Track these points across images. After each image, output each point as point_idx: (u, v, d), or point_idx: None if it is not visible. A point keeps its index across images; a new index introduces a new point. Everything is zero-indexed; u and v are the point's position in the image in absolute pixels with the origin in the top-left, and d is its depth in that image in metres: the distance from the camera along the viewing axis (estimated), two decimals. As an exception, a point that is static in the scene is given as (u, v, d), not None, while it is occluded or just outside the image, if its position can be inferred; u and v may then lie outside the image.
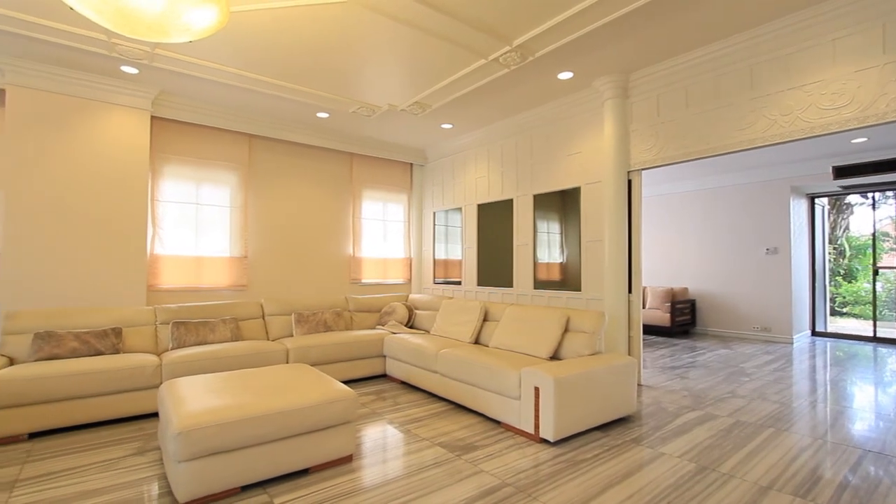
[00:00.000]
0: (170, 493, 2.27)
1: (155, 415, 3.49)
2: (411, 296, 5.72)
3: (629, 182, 4.18)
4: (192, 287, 4.90)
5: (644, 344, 6.65)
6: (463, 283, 6.02)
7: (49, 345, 3.38)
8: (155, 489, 2.31)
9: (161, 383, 3.43)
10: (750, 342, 6.80)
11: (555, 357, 3.65)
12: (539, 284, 4.97)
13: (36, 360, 3.30)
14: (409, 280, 6.76)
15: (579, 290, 4.53)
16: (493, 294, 5.53)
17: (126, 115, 4.33)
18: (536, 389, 2.93)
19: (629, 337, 4.14)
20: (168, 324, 4.04)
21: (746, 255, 7.25)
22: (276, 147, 5.56)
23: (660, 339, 7.15)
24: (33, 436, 3.05)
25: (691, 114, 3.76)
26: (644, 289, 7.93)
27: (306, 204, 5.79)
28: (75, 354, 3.43)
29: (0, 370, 3.03)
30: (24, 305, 3.86)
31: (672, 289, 7.50)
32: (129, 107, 4.34)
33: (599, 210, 4.38)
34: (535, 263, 5.02)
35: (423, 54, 3.65)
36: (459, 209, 6.12)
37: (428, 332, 4.93)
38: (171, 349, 3.85)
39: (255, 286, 5.36)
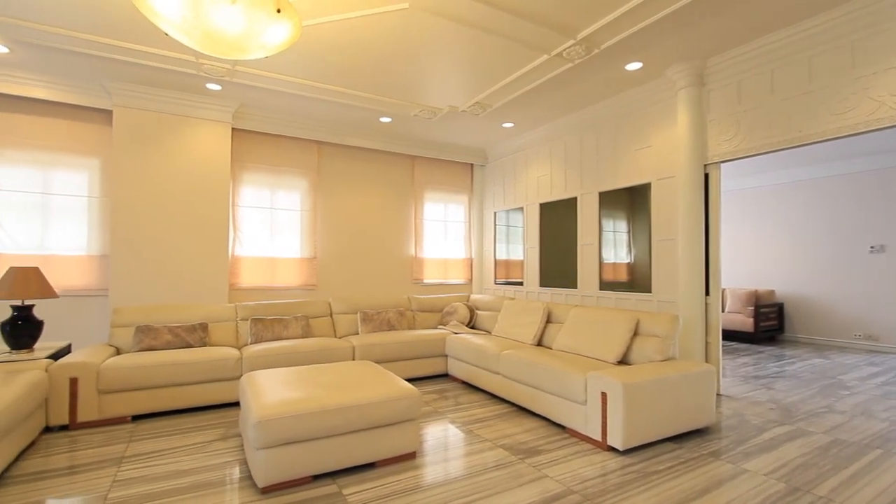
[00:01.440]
0: (250, 477, 2.44)
1: (235, 404, 3.77)
2: (472, 296, 5.72)
3: (706, 176, 3.90)
4: (267, 286, 5.25)
5: (723, 350, 6.16)
6: (525, 283, 5.93)
7: (148, 337, 3.76)
8: (237, 473, 2.49)
9: (241, 375, 3.70)
10: (851, 351, 6.08)
11: (623, 362, 3.49)
12: (605, 285, 4.77)
13: (137, 351, 3.69)
14: (470, 280, 6.77)
15: (649, 291, 4.29)
16: (557, 295, 5.39)
17: (211, 128, 4.72)
18: (603, 395, 2.81)
19: (706, 342, 3.86)
20: (247, 320, 4.35)
21: (846, 253, 6.48)
22: (342, 152, 5.81)
23: (741, 345, 6.59)
24: (136, 418, 3.41)
25: (778, 100, 3.43)
26: (723, 291, 7.36)
27: (370, 206, 5.99)
28: (169, 346, 3.79)
29: (109, 359, 3.42)
30: (128, 302, 4.34)
31: (756, 291, 6.89)
32: (214, 120, 4.73)
33: (672, 207, 4.12)
34: (601, 264, 4.83)
35: (483, 54, 3.63)
36: (521, 209, 6.04)
37: (489, 332, 4.91)
38: (250, 344, 4.14)
39: (324, 286, 5.63)
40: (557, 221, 5.44)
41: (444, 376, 4.77)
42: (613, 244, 4.72)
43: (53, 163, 4.33)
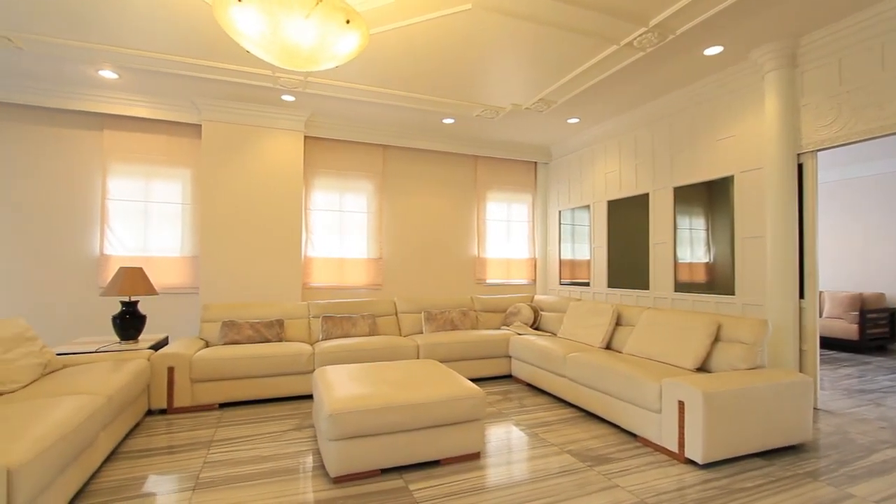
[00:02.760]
0: (322, 466, 2.56)
1: (308, 397, 3.98)
2: (536, 297, 5.61)
3: (799, 167, 3.52)
4: (336, 286, 5.50)
5: (822, 360, 5.54)
6: (592, 284, 5.71)
7: (232, 332, 4.08)
8: (310, 462, 2.62)
9: (313, 370, 3.90)
10: None
11: (702, 369, 3.24)
12: (681, 287, 4.47)
13: (223, 344, 4.01)
14: (534, 281, 6.64)
15: (732, 293, 3.96)
16: (626, 296, 5.14)
17: (285, 137, 5.04)
18: (681, 403, 2.63)
19: (801, 350, 3.49)
20: (318, 317, 4.58)
21: (978, 252, 5.57)
22: (405, 155, 5.94)
23: (843, 355, 5.89)
24: (222, 405, 3.71)
25: (891, 76, 3.02)
26: (820, 294, 6.62)
27: (434, 207, 6.07)
28: (250, 340, 4.08)
29: (200, 351, 3.75)
30: (215, 299, 4.73)
31: (861, 294, 6.12)
32: (288, 129, 5.03)
33: (759, 201, 3.77)
34: (676, 263, 4.53)
35: (548, 49, 3.55)
36: (587, 207, 5.82)
37: (554, 334, 4.78)
38: (321, 340, 4.35)
39: (389, 285, 5.79)
40: (627, 219, 5.18)
41: (508, 377, 4.72)
42: (690, 242, 4.41)
43: (153, 174, 4.84)
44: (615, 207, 5.36)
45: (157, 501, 2.18)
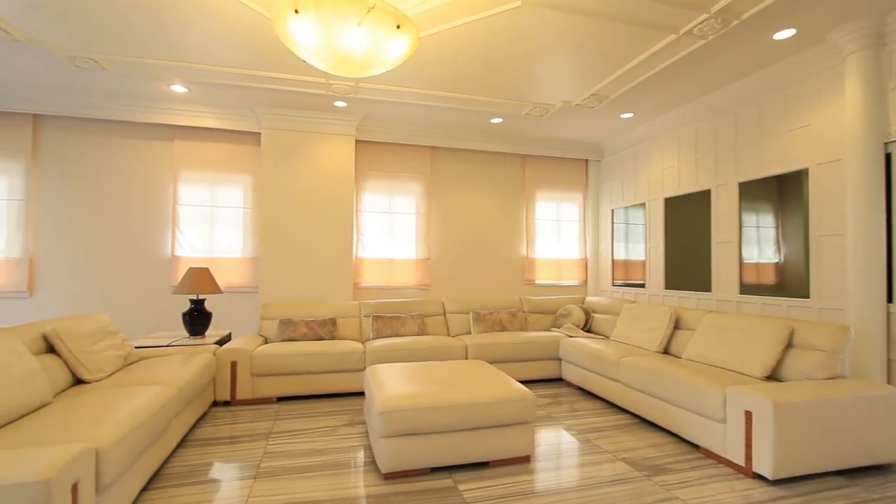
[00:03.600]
0: (373, 462, 2.62)
1: (359, 393, 4.09)
2: (588, 298, 5.45)
3: (887, 156, 3.19)
4: (385, 286, 5.61)
5: (913, 372, 4.98)
6: (647, 285, 5.46)
7: (288, 329, 4.27)
8: (362, 457, 2.69)
9: (364, 367, 4.00)
10: None
11: (772, 378, 3.01)
12: (746, 289, 4.17)
13: (280, 341, 4.21)
14: (585, 282, 6.45)
15: (806, 296, 3.65)
16: (685, 299, 4.87)
17: (337, 141, 5.21)
18: (748, 414, 2.46)
19: (888, 360, 3.15)
20: (369, 317, 4.69)
21: None
22: (453, 156, 5.97)
23: (941, 366, 5.26)
24: (280, 399, 3.88)
25: None
26: (911, 298, 5.95)
27: (481, 207, 6.06)
28: (305, 338, 4.25)
29: (259, 347, 3.95)
30: (273, 298, 4.98)
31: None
32: (340, 134, 5.20)
33: (838, 195, 3.45)
34: (741, 264, 4.24)
35: (600, 43, 3.44)
36: (642, 205, 5.58)
37: (607, 337, 4.62)
38: (372, 339, 4.46)
39: (437, 285, 5.84)
40: (686, 217, 4.92)
41: (558, 380, 4.61)
42: (757, 241, 4.11)
43: (218, 180, 5.16)
44: (673, 205, 5.11)
45: (222, 487, 2.32)
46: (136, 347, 3.61)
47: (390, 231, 5.67)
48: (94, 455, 1.71)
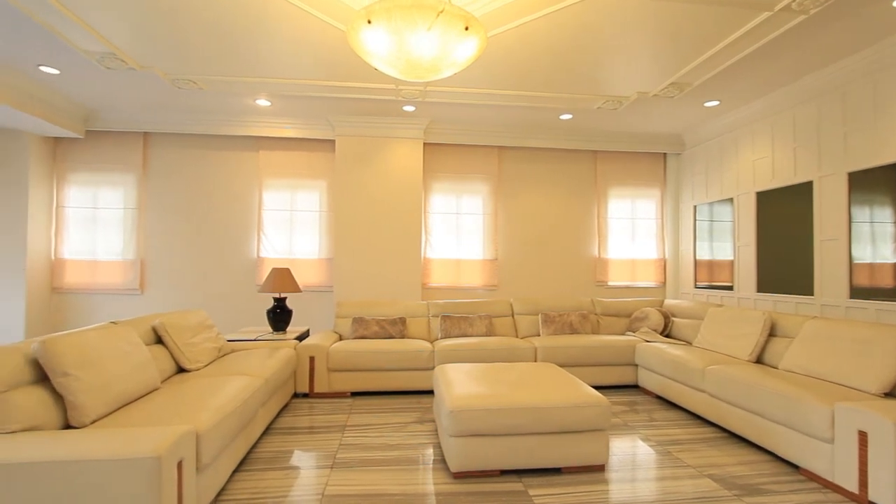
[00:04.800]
0: (443, 460, 2.64)
1: (427, 392, 4.15)
2: (667, 301, 5.11)
3: None
4: (453, 286, 5.67)
5: None
6: (735, 288, 5.02)
7: (361, 327, 4.44)
8: (431, 455, 2.73)
9: (433, 366, 4.06)
10: None
11: (891, 395, 2.63)
12: (858, 292, 3.69)
13: (353, 338, 4.39)
14: (664, 283, 6.07)
15: (938, 302, 3.14)
16: (782, 303, 4.41)
17: (406, 145, 5.35)
18: (862, 434, 2.17)
19: None
20: (437, 317, 4.76)
21: None
22: (521, 155, 5.89)
23: None
24: (353, 394, 4.06)
25: None
26: None
27: (550, 206, 5.91)
28: (376, 336, 4.40)
29: (334, 343, 4.15)
30: (346, 297, 5.22)
31: None
32: (408, 138, 5.34)
33: (978, 185, 2.94)
34: (851, 264, 3.75)
35: (680, 27, 3.21)
36: (730, 200, 5.14)
37: (689, 343, 4.30)
38: (440, 338, 4.51)
39: (505, 286, 5.79)
40: (782, 213, 4.45)
41: (633, 387, 4.37)
42: (871, 239, 3.62)
43: (296, 186, 5.51)
44: (766, 199, 4.64)
45: (302, 474, 2.47)
46: (228, 341, 3.95)
47: (457, 232, 5.71)
48: (195, 437, 1.89)
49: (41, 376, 1.98)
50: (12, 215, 4.90)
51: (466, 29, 2.17)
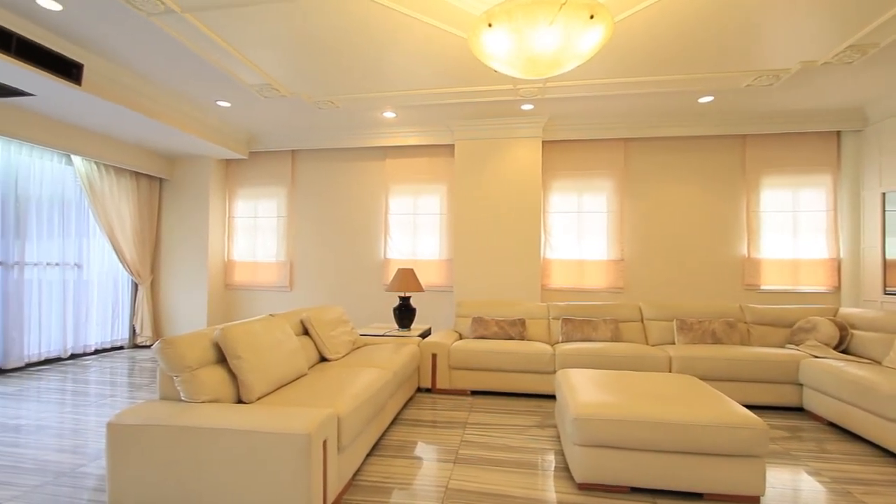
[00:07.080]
0: (565, 468, 2.54)
1: (547, 396, 4.03)
2: (842, 309, 4.24)
3: None
4: (575, 288, 5.43)
5: None
6: (947, 296, 3.95)
7: (480, 327, 4.50)
8: (553, 461, 2.64)
9: (553, 370, 3.93)
10: None
11: None
12: None
13: (473, 338, 4.46)
14: (837, 288, 5.05)
15: None
16: None
17: (524, 144, 5.28)
18: None
19: None
20: (558, 319, 4.60)
21: None
22: (650, 146, 5.41)
23: None
24: (474, 393, 4.12)
25: None
26: None
27: (685, 201, 5.33)
28: (496, 336, 4.41)
29: (455, 342, 4.27)
30: (466, 297, 5.33)
31: None
32: (526, 137, 5.26)
33: None
34: None
35: (859, -22, 2.64)
36: (935, 185, 4.07)
37: (878, 362, 3.52)
38: (561, 342, 4.35)
39: (631, 288, 5.37)
40: None
41: (797, 410, 3.71)
42: None
43: (418, 191, 5.80)
44: None
45: (426, 465, 2.57)
46: (360, 335, 4.31)
47: (579, 231, 5.46)
48: (336, 420, 2.09)
49: (220, 358, 2.37)
50: (198, 225, 6.02)
51: (591, 17, 2.05)
